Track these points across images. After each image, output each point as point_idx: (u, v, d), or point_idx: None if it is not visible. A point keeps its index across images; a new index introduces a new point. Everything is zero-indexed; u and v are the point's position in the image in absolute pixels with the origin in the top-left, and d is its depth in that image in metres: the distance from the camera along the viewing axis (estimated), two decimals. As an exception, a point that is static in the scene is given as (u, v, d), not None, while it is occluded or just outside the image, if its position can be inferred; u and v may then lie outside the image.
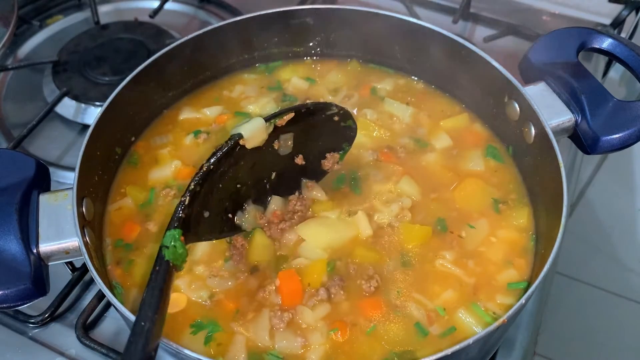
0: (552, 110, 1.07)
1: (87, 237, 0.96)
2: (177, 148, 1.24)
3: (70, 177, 1.28)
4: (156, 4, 1.76)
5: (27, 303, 0.89)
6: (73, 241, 0.93)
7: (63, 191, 0.98)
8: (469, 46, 1.18)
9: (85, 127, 1.51)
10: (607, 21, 1.74)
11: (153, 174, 1.20)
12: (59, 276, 1.12)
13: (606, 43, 1.13)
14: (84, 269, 1.19)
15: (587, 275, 2.37)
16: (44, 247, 0.92)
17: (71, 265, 1.08)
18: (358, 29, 1.31)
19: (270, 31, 1.34)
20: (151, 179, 1.19)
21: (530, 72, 1.14)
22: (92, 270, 0.91)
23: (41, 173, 1.00)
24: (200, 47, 1.27)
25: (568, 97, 1.07)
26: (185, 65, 1.29)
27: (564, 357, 2.22)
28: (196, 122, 1.29)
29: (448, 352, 0.82)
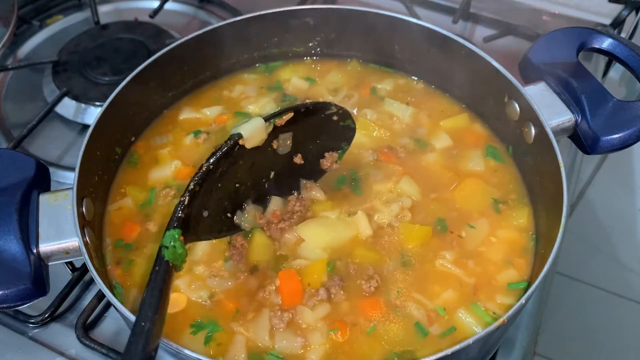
0: (552, 110, 1.07)
1: (87, 237, 0.96)
2: (177, 148, 1.24)
3: (70, 177, 1.28)
4: (156, 4, 1.76)
5: (27, 303, 0.89)
6: (73, 241, 0.93)
7: (63, 191, 0.98)
8: (469, 46, 1.18)
9: (85, 127, 1.51)
10: (607, 21, 1.73)
11: (153, 174, 1.20)
12: (59, 276, 1.12)
13: (606, 43, 1.13)
14: (84, 269, 1.19)
15: (587, 275, 2.36)
16: (44, 247, 0.92)
17: (71, 265, 1.08)
18: (358, 29, 1.31)
19: (270, 31, 1.34)
20: (151, 179, 1.19)
21: (530, 72, 1.14)
22: (92, 270, 0.91)
23: (41, 173, 1.00)
24: (200, 47, 1.27)
25: (568, 97, 1.07)
26: (185, 65, 1.29)
27: (564, 357, 2.21)
28: (196, 122, 1.29)
29: (448, 352, 0.82)
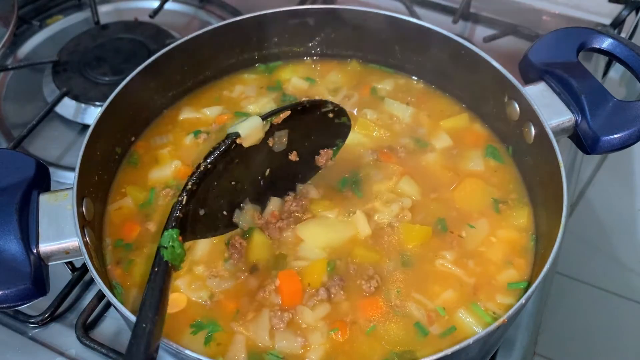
0: (552, 110, 1.07)
1: (87, 237, 0.96)
2: (177, 148, 1.24)
3: (70, 177, 1.27)
4: (156, 4, 1.76)
5: (27, 303, 0.89)
6: (73, 241, 0.93)
7: (63, 191, 0.98)
8: (469, 46, 1.18)
9: (85, 127, 1.50)
10: (607, 21, 1.73)
11: (153, 174, 1.20)
12: (59, 276, 1.12)
13: (606, 43, 1.13)
14: (84, 269, 1.19)
15: (587, 275, 2.36)
16: (44, 247, 0.92)
17: (71, 265, 1.08)
18: (358, 29, 1.31)
19: (270, 31, 1.33)
20: (151, 179, 1.19)
21: (530, 72, 1.14)
22: (92, 270, 0.91)
23: (41, 173, 0.99)
24: (200, 47, 1.27)
25: (568, 97, 1.07)
26: (185, 65, 1.29)
27: (564, 357, 2.21)
28: (196, 122, 1.29)
29: (448, 352, 0.82)
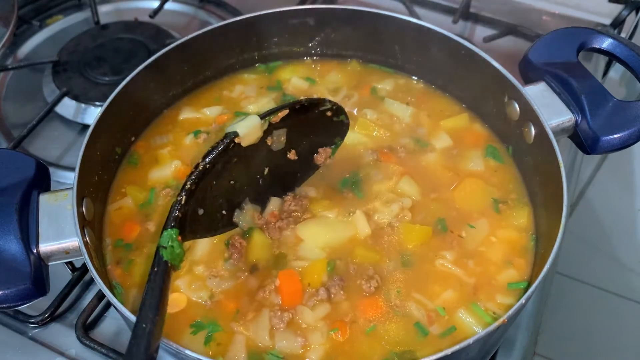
0: (552, 110, 1.07)
1: (87, 237, 0.96)
2: (177, 148, 1.24)
3: (70, 177, 1.27)
4: (156, 4, 1.76)
5: (27, 303, 0.89)
6: (73, 241, 0.93)
7: (63, 191, 0.98)
8: (469, 46, 1.18)
9: (85, 127, 1.50)
10: (607, 21, 1.73)
11: (153, 174, 1.20)
12: (59, 276, 1.12)
13: (606, 43, 1.13)
14: (84, 269, 1.19)
15: (587, 275, 2.36)
16: (44, 247, 0.92)
17: (71, 265, 1.08)
18: (358, 29, 1.31)
19: (270, 31, 1.33)
20: (151, 179, 1.19)
21: (530, 72, 1.14)
22: (92, 270, 0.91)
23: (41, 173, 0.99)
24: (200, 47, 1.27)
25: (568, 97, 1.07)
26: (185, 65, 1.29)
27: (564, 357, 2.21)
28: (196, 122, 1.29)
29: (448, 352, 0.82)
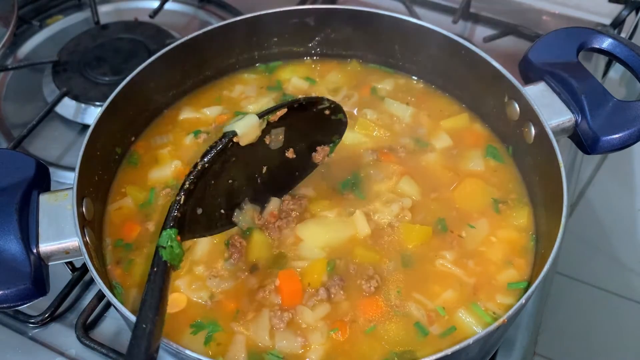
0: (552, 110, 1.07)
1: (87, 237, 0.96)
2: (177, 148, 1.24)
3: (70, 177, 1.27)
4: (156, 4, 1.76)
5: (27, 303, 0.89)
6: (73, 241, 0.93)
7: (63, 191, 0.98)
8: (469, 46, 1.18)
9: (85, 127, 1.50)
10: (607, 21, 1.73)
11: (153, 174, 1.20)
12: (59, 276, 1.12)
13: (606, 43, 1.13)
14: (84, 269, 1.19)
15: (587, 275, 2.36)
16: (44, 247, 0.92)
17: (71, 265, 1.08)
18: (358, 29, 1.31)
19: (270, 31, 1.33)
20: (151, 179, 1.19)
21: (530, 72, 1.14)
22: (92, 270, 0.91)
23: (41, 173, 0.99)
24: (200, 47, 1.27)
25: (568, 97, 1.07)
26: (185, 65, 1.29)
27: (564, 357, 2.21)
28: (196, 122, 1.29)
29: (448, 352, 0.82)
